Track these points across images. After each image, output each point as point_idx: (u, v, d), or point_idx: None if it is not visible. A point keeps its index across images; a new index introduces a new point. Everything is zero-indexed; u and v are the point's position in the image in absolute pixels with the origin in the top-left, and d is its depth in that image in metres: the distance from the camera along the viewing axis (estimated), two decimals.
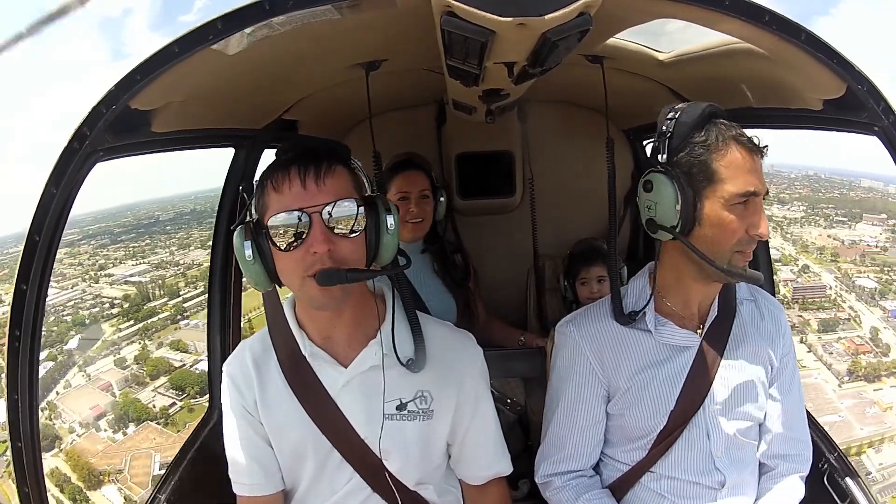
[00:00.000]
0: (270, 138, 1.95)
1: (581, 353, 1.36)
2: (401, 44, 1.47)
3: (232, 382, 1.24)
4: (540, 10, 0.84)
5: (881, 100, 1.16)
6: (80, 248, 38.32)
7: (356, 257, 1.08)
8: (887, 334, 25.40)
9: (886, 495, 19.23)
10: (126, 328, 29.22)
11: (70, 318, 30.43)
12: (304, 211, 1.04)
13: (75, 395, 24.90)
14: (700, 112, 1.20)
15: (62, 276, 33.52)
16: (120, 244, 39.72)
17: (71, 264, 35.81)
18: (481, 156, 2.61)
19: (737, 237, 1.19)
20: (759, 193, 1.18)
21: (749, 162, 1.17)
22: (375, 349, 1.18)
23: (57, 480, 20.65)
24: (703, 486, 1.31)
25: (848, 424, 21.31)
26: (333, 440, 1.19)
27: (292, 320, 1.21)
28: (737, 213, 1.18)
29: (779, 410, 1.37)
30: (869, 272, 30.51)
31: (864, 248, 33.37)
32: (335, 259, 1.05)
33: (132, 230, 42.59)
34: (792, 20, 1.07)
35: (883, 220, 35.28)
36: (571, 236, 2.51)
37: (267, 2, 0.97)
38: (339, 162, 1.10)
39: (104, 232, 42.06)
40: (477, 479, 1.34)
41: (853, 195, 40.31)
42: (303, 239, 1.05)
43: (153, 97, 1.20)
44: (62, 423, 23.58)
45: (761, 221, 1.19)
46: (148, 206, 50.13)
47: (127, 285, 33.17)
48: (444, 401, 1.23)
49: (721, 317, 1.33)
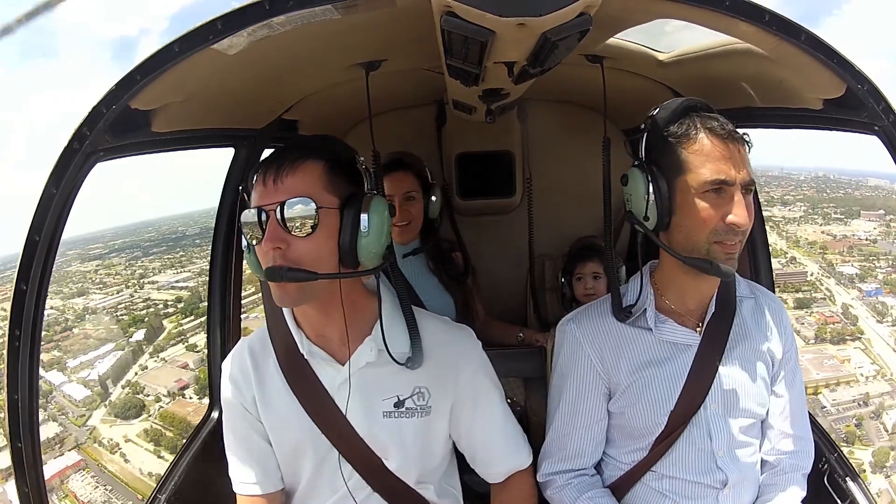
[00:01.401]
0: (270, 138, 1.95)
1: (581, 350, 1.35)
2: (401, 44, 1.47)
3: (231, 380, 1.24)
4: (540, 10, 0.84)
5: (881, 100, 1.16)
6: (112, 260, 42.80)
7: (314, 257, 1.06)
8: (860, 310, 28.82)
9: (840, 424, 23.02)
10: (187, 322, 32.65)
11: (126, 317, 34.67)
12: (261, 209, 1.06)
13: (157, 374, 28.94)
14: (675, 107, 1.22)
15: (103, 285, 38.61)
16: (153, 255, 43.60)
17: (108, 274, 40.28)
18: (481, 156, 2.61)
19: (710, 226, 1.19)
20: (732, 182, 1.17)
21: (720, 150, 1.17)
22: (371, 346, 1.18)
23: (152, 437, 25.21)
24: (705, 485, 1.31)
25: (806, 370, 24.38)
26: (332, 439, 1.19)
27: (290, 318, 1.21)
28: (709, 201, 1.18)
29: (781, 407, 1.36)
30: (853, 261, 33.16)
31: (854, 241, 35.43)
32: (288, 258, 1.05)
33: (161, 243, 46.69)
34: (792, 20, 1.07)
35: (880, 216, 37.01)
36: (571, 236, 2.51)
37: (267, 2, 0.97)
38: (308, 159, 1.08)
39: (131, 246, 46.75)
40: (495, 475, 1.33)
41: (857, 194, 41.80)
42: (262, 236, 1.06)
43: (153, 97, 1.19)
44: (146, 396, 27.61)
45: (735, 209, 1.17)
46: (169, 222, 54.29)
47: (174, 290, 36.98)
48: (441, 396, 1.22)
49: (720, 314, 1.33)
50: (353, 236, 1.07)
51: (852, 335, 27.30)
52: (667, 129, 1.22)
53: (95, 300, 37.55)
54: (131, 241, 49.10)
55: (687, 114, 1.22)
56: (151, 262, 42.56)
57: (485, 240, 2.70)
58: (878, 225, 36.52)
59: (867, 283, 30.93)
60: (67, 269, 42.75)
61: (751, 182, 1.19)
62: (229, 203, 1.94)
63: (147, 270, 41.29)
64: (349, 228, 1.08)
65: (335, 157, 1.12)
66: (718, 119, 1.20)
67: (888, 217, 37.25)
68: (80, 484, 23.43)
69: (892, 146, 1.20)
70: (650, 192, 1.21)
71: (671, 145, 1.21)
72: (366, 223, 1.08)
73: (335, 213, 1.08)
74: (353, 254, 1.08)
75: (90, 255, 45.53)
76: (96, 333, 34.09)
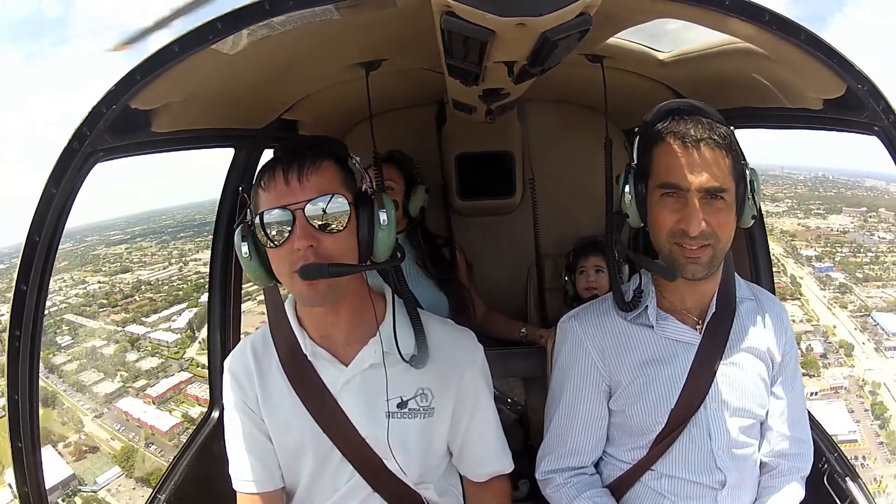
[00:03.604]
0: (270, 138, 1.95)
1: (583, 347, 1.36)
2: (401, 43, 1.47)
3: (234, 379, 1.24)
4: (539, 10, 0.84)
5: (881, 100, 1.16)
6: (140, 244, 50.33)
7: (342, 253, 1.08)
8: (807, 280, 37.84)
9: None
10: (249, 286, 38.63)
11: (185, 285, 41.89)
12: (286, 208, 1.06)
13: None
14: (662, 109, 1.24)
15: (144, 263, 46.52)
16: (182, 239, 49.97)
17: (144, 255, 47.93)
18: (481, 156, 2.61)
19: (666, 229, 1.22)
20: (685, 187, 1.18)
21: (680, 154, 1.18)
22: (375, 347, 1.18)
23: None
24: (704, 485, 1.31)
25: None
26: (334, 439, 1.19)
27: (293, 318, 1.21)
28: (666, 204, 1.21)
29: (781, 408, 1.37)
30: (817, 247, 41.01)
31: (825, 232, 42.81)
32: (319, 255, 1.06)
33: (185, 228, 52.46)
34: (792, 20, 1.07)
35: (861, 213, 44.22)
36: (571, 236, 2.51)
37: (267, 2, 0.97)
38: (325, 157, 1.10)
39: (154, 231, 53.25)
40: (478, 476, 1.34)
41: (849, 193, 47.43)
42: (287, 236, 1.06)
43: (153, 97, 1.19)
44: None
45: (687, 216, 1.18)
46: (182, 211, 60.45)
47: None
48: (444, 398, 1.23)
49: (720, 314, 1.33)
50: (371, 231, 1.10)
51: (793, 296, 35.19)
52: (648, 131, 1.24)
53: (145, 275, 43.77)
54: (149, 227, 54.39)
55: (668, 116, 1.22)
56: (184, 244, 48.11)
57: (485, 240, 2.70)
58: (854, 220, 43.56)
59: (822, 263, 39.16)
60: (94, 252, 49.37)
61: (717, 189, 1.18)
62: (229, 203, 1.94)
63: (183, 252, 46.76)
64: (367, 224, 1.10)
65: (343, 156, 1.14)
66: (702, 122, 1.19)
67: (868, 214, 44.23)
68: (197, 390, 31.14)
69: (891, 146, 1.20)
70: (626, 192, 1.25)
71: (648, 148, 1.24)
72: (384, 218, 1.10)
73: (353, 210, 1.10)
74: (370, 248, 1.11)
75: (111, 241, 51.57)
76: (160, 298, 40.55)
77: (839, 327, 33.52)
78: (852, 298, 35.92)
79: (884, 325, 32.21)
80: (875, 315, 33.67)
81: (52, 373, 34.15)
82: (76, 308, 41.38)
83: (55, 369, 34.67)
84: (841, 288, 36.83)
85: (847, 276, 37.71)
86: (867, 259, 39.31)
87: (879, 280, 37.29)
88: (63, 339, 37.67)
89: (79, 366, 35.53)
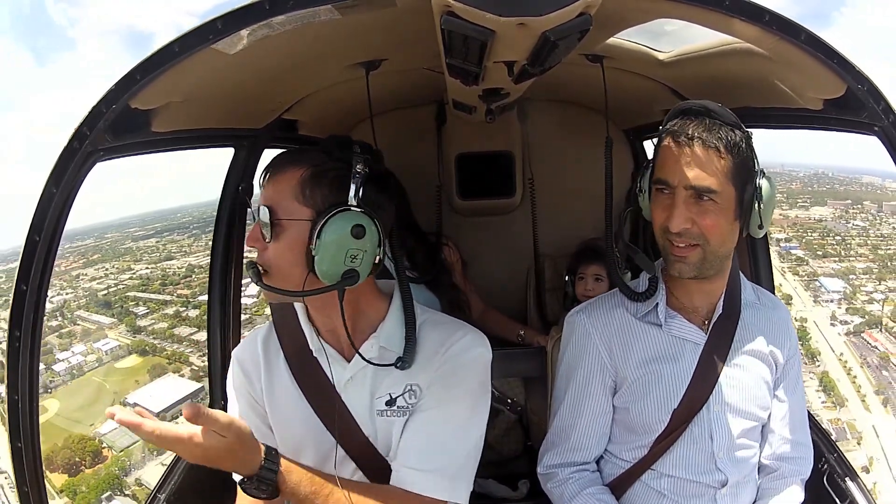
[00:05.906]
0: (270, 138, 1.95)
1: (590, 340, 1.36)
2: (401, 43, 1.47)
3: (241, 369, 1.25)
4: (540, 10, 0.84)
5: (881, 100, 1.16)
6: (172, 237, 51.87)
7: (279, 263, 1.09)
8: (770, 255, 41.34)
9: None
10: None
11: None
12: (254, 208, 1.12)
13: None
14: (674, 109, 1.26)
15: (184, 252, 48.02)
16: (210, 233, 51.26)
17: (180, 247, 49.52)
18: (481, 156, 2.61)
19: (658, 224, 1.25)
20: (672, 184, 1.20)
21: (673, 152, 1.20)
22: (373, 344, 1.19)
23: None
24: (704, 485, 1.31)
25: None
26: (336, 435, 1.18)
27: (302, 314, 1.23)
28: (659, 200, 1.24)
29: (783, 412, 1.37)
30: (789, 232, 44.02)
31: (802, 221, 45.52)
32: (261, 259, 1.10)
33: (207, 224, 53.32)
34: (792, 20, 1.07)
35: (846, 205, 46.85)
36: (571, 236, 2.51)
37: (267, 2, 0.97)
38: (294, 165, 1.08)
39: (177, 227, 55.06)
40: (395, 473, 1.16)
41: (842, 189, 49.58)
42: None
43: (153, 97, 1.19)
44: None
45: (670, 213, 1.20)
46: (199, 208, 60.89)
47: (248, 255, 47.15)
48: (430, 395, 1.21)
49: (726, 316, 1.33)
50: (315, 248, 1.04)
51: None
52: (659, 129, 1.27)
53: (192, 261, 45.57)
54: (168, 224, 56.93)
55: (678, 116, 1.24)
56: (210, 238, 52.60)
57: (484, 240, 2.70)
58: (835, 211, 46.35)
59: (789, 243, 42.56)
60: (123, 245, 52.32)
61: (704, 188, 1.17)
62: (229, 203, 1.94)
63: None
64: (312, 240, 1.05)
65: (318, 165, 1.08)
66: (704, 123, 1.19)
67: (852, 206, 46.53)
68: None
69: (891, 146, 1.20)
70: (637, 187, 1.31)
71: (656, 146, 1.27)
72: (327, 238, 1.04)
73: (304, 225, 1.06)
74: (311, 266, 1.06)
75: (135, 236, 54.43)
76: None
77: (785, 285, 37.19)
78: (806, 269, 40.41)
79: (825, 285, 38.36)
80: (821, 279, 38.95)
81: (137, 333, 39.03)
82: (136, 287, 44.48)
83: (142, 330, 39.37)
84: (798, 261, 41.25)
85: (808, 253, 42.04)
86: (833, 242, 43.24)
87: (837, 256, 41.43)
88: (138, 310, 41.61)
89: (169, 324, 39.37)
